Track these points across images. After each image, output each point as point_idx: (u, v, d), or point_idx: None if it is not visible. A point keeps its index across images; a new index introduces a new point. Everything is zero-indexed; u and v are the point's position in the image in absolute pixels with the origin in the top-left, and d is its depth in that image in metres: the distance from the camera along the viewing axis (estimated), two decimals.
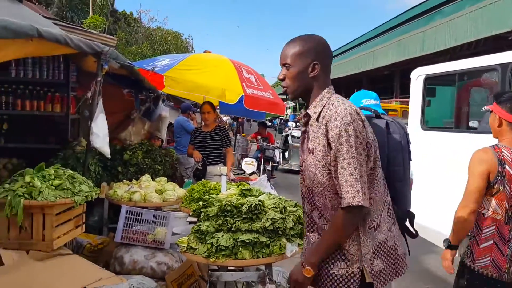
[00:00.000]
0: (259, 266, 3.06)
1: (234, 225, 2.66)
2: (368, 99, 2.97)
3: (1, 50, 2.95)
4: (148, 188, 4.44)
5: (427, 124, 5.90)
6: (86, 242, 4.15)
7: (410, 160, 2.79)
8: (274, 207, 2.83)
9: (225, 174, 3.83)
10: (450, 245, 2.71)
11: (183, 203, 4.01)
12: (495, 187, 2.56)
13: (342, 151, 1.81)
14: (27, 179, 3.23)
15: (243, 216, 2.70)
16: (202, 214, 2.88)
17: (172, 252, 3.98)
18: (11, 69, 5.64)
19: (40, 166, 3.44)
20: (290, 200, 3.22)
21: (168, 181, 4.79)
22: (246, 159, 9.95)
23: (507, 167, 2.55)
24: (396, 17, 25.33)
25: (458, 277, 2.73)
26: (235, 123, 13.92)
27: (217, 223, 2.71)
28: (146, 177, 4.79)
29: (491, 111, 2.74)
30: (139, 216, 4.06)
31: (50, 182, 3.26)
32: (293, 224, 2.83)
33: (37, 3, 8.91)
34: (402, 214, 2.58)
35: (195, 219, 3.32)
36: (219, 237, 2.62)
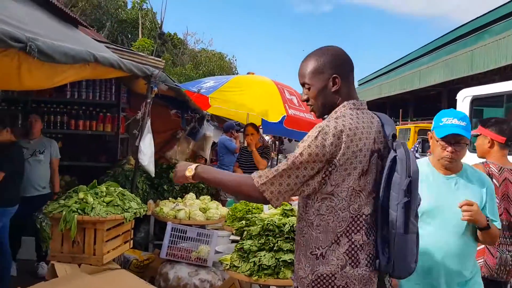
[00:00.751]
0: None
1: (276, 244, 2.70)
2: (450, 117, 2.39)
3: (61, 73, 3.17)
4: (193, 206, 4.55)
5: (474, 147, 5.73)
6: (133, 258, 4.29)
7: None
8: None
9: None
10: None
11: (226, 221, 4.09)
12: None
13: (297, 151, 1.76)
14: (80, 195, 3.41)
15: (285, 236, 2.73)
16: (245, 233, 2.94)
17: (215, 270, 4.05)
18: (67, 91, 6.00)
19: (93, 184, 3.62)
20: None
21: (211, 200, 4.90)
22: None
23: (494, 180, 2.89)
24: (443, 36, 24.84)
25: None
26: (276, 142, 13.99)
27: (260, 242, 2.76)
28: (191, 195, 4.92)
29: (479, 134, 3.15)
30: (183, 233, 4.17)
31: (102, 198, 3.43)
32: None
33: (90, 28, 9.41)
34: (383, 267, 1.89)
35: (238, 238, 3.38)
36: (261, 256, 2.66)
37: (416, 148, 14.04)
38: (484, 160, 3.08)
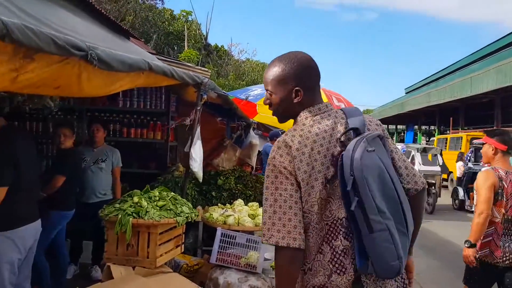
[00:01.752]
0: None
1: None
2: None
3: (118, 81, 3.28)
4: (242, 212, 4.57)
5: None
6: (183, 263, 4.35)
7: None
8: None
9: None
10: (472, 244, 3.59)
11: None
12: (496, 197, 3.55)
13: (264, 186, 1.73)
14: (135, 199, 3.50)
15: None
16: None
17: (264, 276, 4.04)
18: (119, 100, 6.22)
19: (147, 188, 3.72)
20: None
21: (260, 206, 4.91)
22: None
23: (503, 182, 3.56)
24: (495, 41, 23.93)
25: (473, 270, 3.68)
26: None
27: None
28: (239, 202, 4.95)
29: (485, 143, 3.77)
30: (232, 239, 4.19)
31: (155, 203, 3.51)
32: None
33: (141, 40, 9.73)
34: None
35: None
36: None
37: (468, 158, 13.52)
38: (491, 166, 3.69)
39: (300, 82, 1.80)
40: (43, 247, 4.19)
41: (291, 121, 1.93)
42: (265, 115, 6.81)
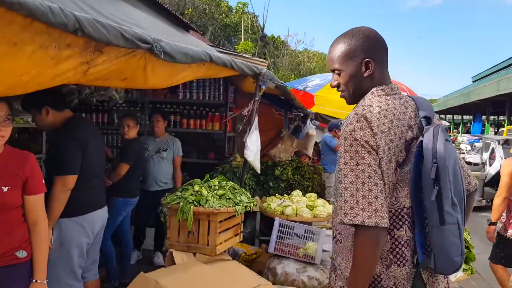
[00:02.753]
0: None
1: None
2: None
3: (180, 73, 3.36)
4: (300, 203, 4.57)
5: None
6: (242, 251, 4.42)
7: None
8: None
9: None
10: (492, 222, 4.22)
11: None
12: None
13: (341, 161, 1.62)
14: (196, 188, 3.59)
15: None
16: None
17: (322, 268, 4.02)
18: (179, 92, 6.39)
19: (206, 178, 3.80)
20: None
21: (318, 198, 4.87)
22: None
23: None
24: None
25: (495, 243, 4.22)
26: None
27: None
28: (297, 192, 4.94)
29: None
30: (290, 229, 4.20)
31: (215, 192, 3.58)
32: None
33: (200, 32, 9.91)
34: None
35: None
36: None
37: None
38: None
39: (369, 53, 1.72)
40: (109, 233, 4.42)
41: (350, 111, 1.87)
42: (323, 108, 6.72)
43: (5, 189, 2.24)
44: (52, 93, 2.87)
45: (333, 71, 1.81)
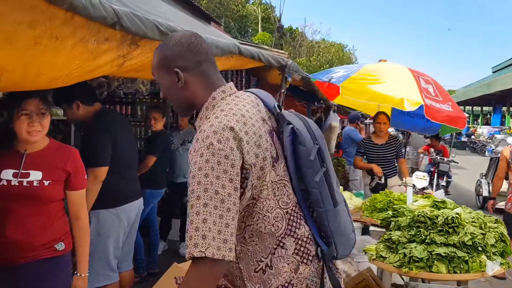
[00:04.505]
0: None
1: (428, 237, 2.56)
2: None
3: None
4: None
5: None
6: None
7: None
8: (472, 222, 2.65)
9: (411, 185, 3.72)
10: (491, 197, 5.29)
11: (363, 212, 4.00)
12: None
13: (194, 181, 1.36)
14: None
15: (438, 228, 2.58)
16: (392, 223, 2.84)
17: (350, 260, 4.00)
18: None
19: None
20: (489, 216, 2.97)
21: (343, 190, 4.84)
22: (417, 172, 9.39)
23: None
24: None
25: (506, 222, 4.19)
26: (401, 135, 13.44)
27: (409, 233, 2.64)
28: None
29: None
30: None
31: None
32: (494, 241, 2.61)
33: (221, 24, 9.90)
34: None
35: (377, 229, 3.29)
36: (412, 248, 2.55)
37: None
38: None
39: (178, 63, 1.59)
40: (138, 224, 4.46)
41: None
42: (344, 98, 6.65)
43: (46, 182, 2.26)
44: (82, 87, 2.89)
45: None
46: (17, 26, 1.55)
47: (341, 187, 4.86)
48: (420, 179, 8.92)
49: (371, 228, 3.63)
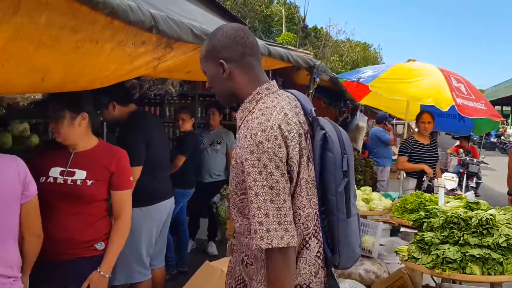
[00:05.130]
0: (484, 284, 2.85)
1: (461, 238, 2.54)
2: None
3: None
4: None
5: None
6: None
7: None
8: (507, 223, 2.61)
9: (443, 186, 3.68)
10: (509, 193, 5.39)
11: (394, 213, 3.97)
12: None
13: (250, 178, 1.45)
14: None
15: (472, 229, 2.55)
16: (425, 224, 2.82)
17: (380, 261, 3.97)
18: None
19: None
20: None
21: (372, 191, 4.80)
22: (446, 174, 9.26)
23: None
24: None
25: None
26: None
27: (442, 234, 2.62)
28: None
29: None
30: None
31: None
32: None
33: (247, 25, 9.96)
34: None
35: (408, 230, 3.27)
36: (445, 249, 2.53)
37: None
38: None
39: (224, 55, 1.63)
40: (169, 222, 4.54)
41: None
42: (371, 98, 6.59)
43: (89, 182, 2.30)
44: (118, 88, 2.96)
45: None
46: (61, 31, 1.62)
47: (369, 188, 4.84)
48: (449, 180, 8.77)
49: (402, 229, 3.61)
